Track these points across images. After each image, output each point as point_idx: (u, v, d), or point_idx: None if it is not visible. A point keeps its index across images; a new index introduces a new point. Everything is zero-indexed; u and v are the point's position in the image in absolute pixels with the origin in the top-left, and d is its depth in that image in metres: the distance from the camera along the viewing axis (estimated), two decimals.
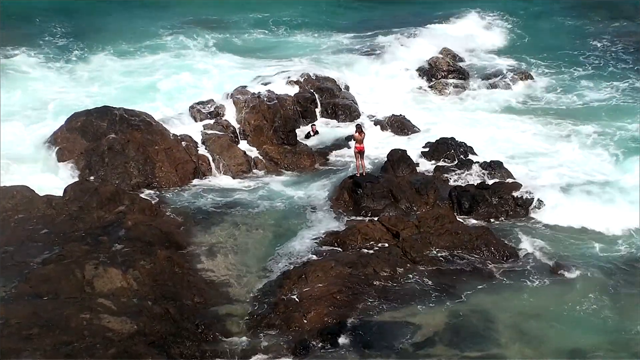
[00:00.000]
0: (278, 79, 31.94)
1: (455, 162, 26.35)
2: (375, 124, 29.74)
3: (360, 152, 24.20)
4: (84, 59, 37.24)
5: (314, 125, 29.13)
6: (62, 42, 40.22)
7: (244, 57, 38.28)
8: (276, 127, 27.99)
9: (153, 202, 22.85)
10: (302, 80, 31.60)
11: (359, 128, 24.60)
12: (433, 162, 26.56)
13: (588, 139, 28.31)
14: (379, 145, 27.88)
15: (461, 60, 37.87)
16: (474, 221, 22.67)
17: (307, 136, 28.84)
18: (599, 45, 39.80)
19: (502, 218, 23.02)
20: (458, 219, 22.26)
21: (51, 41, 40.20)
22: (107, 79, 34.34)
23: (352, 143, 25.56)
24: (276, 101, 28.67)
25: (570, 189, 24.19)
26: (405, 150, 26.24)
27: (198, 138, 27.06)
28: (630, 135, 28.32)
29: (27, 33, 40.81)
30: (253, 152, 27.33)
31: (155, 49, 39.07)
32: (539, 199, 23.44)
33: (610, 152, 27.00)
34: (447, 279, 19.39)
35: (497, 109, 32.16)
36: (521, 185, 24.43)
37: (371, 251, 20.43)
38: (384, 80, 35.18)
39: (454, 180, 25.18)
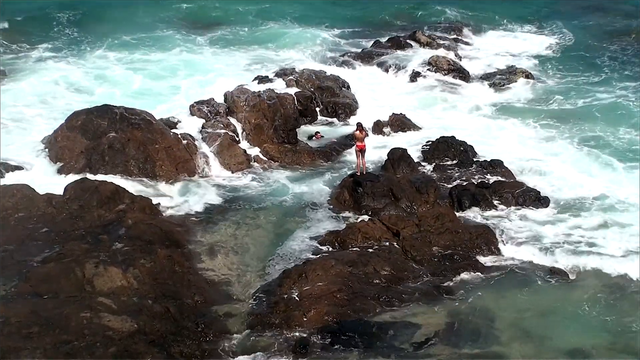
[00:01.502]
0: (278, 77, 31.95)
1: (456, 161, 26.36)
2: (376, 123, 29.69)
3: (361, 151, 24.22)
4: (87, 57, 37.37)
5: (319, 132, 28.98)
6: (66, 40, 40.33)
7: (245, 55, 38.31)
8: (276, 126, 27.97)
9: (153, 200, 22.82)
10: (302, 79, 31.59)
11: (360, 126, 24.60)
12: (433, 161, 26.56)
13: (587, 143, 28.08)
14: (379, 144, 27.89)
15: (461, 58, 37.86)
16: (474, 219, 22.66)
17: (309, 138, 28.76)
18: (608, 47, 39.38)
19: (503, 216, 22.97)
20: (458, 218, 22.28)
21: (55, 38, 40.26)
22: (107, 77, 34.35)
23: (353, 137, 25.41)
24: (276, 100, 28.64)
25: (569, 189, 24.26)
26: (406, 149, 26.26)
27: (198, 137, 27.09)
28: (631, 143, 28.06)
29: (33, 28, 40.85)
30: (253, 151, 27.29)
31: (153, 46, 39.09)
32: (539, 198, 23.45)
33: (610, 157, 26.74)
34: (448, 278, 19.39)
35: (498, 108, 32.08)
36: (522, 184, 24.47)
37: (371, 250, 20.43)
38: (384, 78, 35.18)
39: (454, 179, 25.16)
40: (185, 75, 34.62)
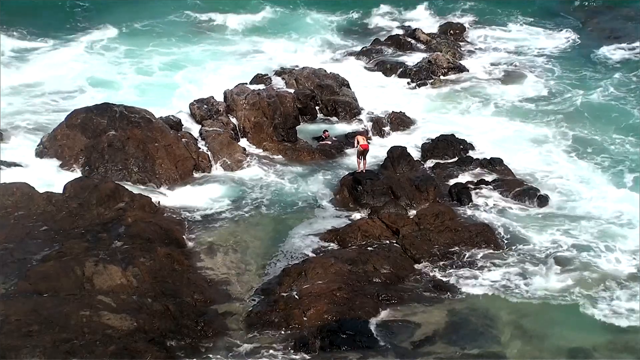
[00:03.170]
0: (278, 76, 31.93)
1: (455, 159, 26.35)
2: (375, 121, 29.69)
3: (365, 151, 24.32)
4: (95, 48, 37.48)
5: (327, 131, 28.71)
6: (76, 30, 40.21)
7: (245, 51, 38.27)
8: (276, 124, 27.94)
9: (153, 199, 22.81)
10: (301, 77, 31.55)
11: (365, 134, 24.85)
12: (433, 159, 26.55)
13: (586, 144, 27.93)
14: (378, 142, 27.88)
15: (461, 57, 37.83)
16: (473, 218, 22.64)
17: (316, 139, 28.49)
18: (611, 47, 39.02)
19: (502, 214, 22.96)
20: (458, 216, 22.29)
21: (66, 30, 40.19)
22: (106, 76, 34.37)
23: (356, 142, 25.36)
24: (276, 98, 28.59)
25: (568, 190, 24.33)
26: (405, 147, 26.23)
27: (198, 135, 27.09)
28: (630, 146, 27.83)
29: (41, 18, 40.83)
30: (253, 149, 27.28)
31: (152, 41, 39.02)
32: (538, 196, 23.45)
33: (610, 161, 26.59)
34: (447, 276, 19.40)
35: (497, 107, 32.02)
36: (521, 181, 24.48)
37: (371, 248, 20.43)
38: (384, 77, 35.14)
39: (454, 177, 25.15)
40: (185, 74, 34.58)
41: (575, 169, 25.95)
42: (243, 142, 27.53)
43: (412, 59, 36.60)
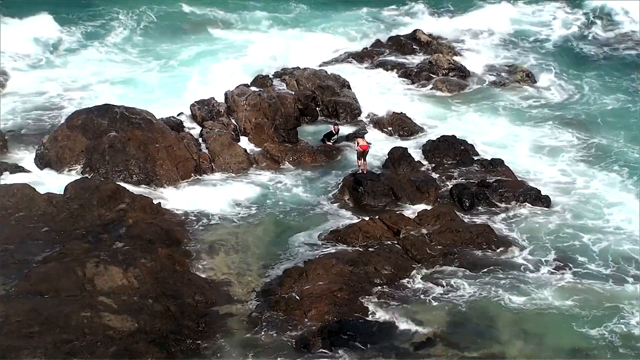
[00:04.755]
0: (278, 77, 31.91)
1: (456, 160, 26.32)
2: (376, 122, 29.69)
3: (364, 152, 24.33)
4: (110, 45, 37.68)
5: (337, 125, 28.53)
6: (96, 27, 40.36)
7: (246, 52, 38.29)
8: (277, 125, 27.95)
9: (154, 200, 22.81)
10: (302, 78, 31.54)
11: (362, 138, 24.96)
12: (434, 160, 26.53)
13: (587, 152, 27.75)
14: (379, 143, 27.87)
15: (462, 57, 37.79)
16: (474, 219, 22.63)
17: (330, 136, 28.05)
18: (615, 46, 39.05)
19: (503, 216, 22.96)
20: (458, 217, 22.27)
21: (82, 26, 40.33)
22: (106, 75, 34.41)
23: (355, 144, 25.39)
24: (276, 99, 28.63)
25: (569, 192, 24.35)
26: (406, 148, 26.25)
27: (199, 136, 27.09)
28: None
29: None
30: (254, 150, 27.28)
31: (153, 40, 39.09)
32: (539, 198, 23.43)
33: (611, 169, 26.28)
34: (448, 277, 19.38)
35: (497, 107, 32.01)
36: (522, 182, 24.47)
37: (372, 249, 20.42)
38: (385, 78, 35.12)
39: (455, 178, 25.14)
40: (186, 75, 34.54)
41: (583, 174, 25.83)
42: (244, 143, 27.51)
43: (413, 60, 36.59)
